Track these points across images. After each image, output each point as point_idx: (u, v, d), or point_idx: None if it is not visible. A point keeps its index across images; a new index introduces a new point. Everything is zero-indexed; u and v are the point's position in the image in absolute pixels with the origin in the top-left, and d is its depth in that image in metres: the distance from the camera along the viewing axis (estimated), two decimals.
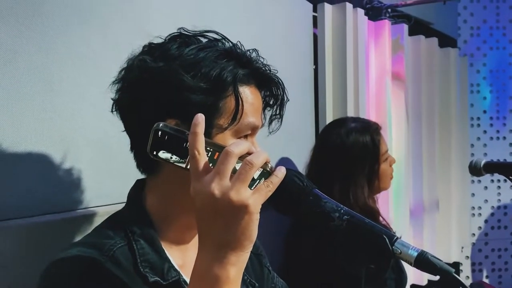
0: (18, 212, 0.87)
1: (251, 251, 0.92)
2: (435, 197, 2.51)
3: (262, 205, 0.58)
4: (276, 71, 0.80)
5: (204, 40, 0.75)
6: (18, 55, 0.87)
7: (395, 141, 2.13)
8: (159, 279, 0.70)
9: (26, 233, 0.86)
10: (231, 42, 0.76)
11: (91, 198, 0.98)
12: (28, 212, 0.88)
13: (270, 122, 0.82)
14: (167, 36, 0.76)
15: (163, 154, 0.62)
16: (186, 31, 0.75)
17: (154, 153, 0.62)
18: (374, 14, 2.12)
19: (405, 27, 2.19)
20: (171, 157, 0.62)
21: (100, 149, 1.00)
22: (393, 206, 2.07)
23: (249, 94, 0.74)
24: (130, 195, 0.80)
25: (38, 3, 0.90)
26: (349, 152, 1.45)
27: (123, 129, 0.77)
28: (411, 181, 2.33)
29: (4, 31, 0.85)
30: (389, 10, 2.16)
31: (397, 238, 0.54)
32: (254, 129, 0.75)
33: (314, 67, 1.79)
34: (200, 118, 0.59)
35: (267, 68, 0.78)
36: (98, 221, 0.90)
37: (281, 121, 0.83)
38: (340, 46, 1.78)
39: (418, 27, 2.44)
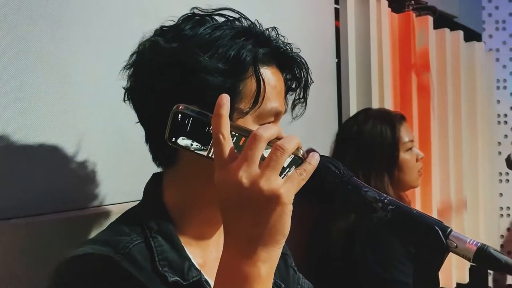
0: (32, 209, 0.82)
1: None
2: (462, 196, 2.41)
3: (295, 198, 0.52)
4: (298, 50, 0.73)
5: (220, 19, 0.70)
6: (30, 44, 0.83)
7: (420, 138, 2.05)
8: (179, 278, 0.65)
9: (40, 231, 0.82)
10: (249, 20, 0.70)
11: (106, 195, 0.93)
12: (41, 209, 0.84)
13: (294, 107, 0.76)
14: (180, 18, 0.70)
15: (182, 141, 0.56)
16: (200, 10, 0.69)
17: (173, 139, 0.56)
18: (397, 6, 2.04)
19: (430, 19, 2.11)
20: (192, 144, 0.56)
21: (116, 144, 0.95)
22: (420, 205, 1.99)
23: (270, 76, 0.68)
24: (146, 189, 0.75)
25: None
26: (366, 138, 1.41)
27: (137, 120, 0.72)
28: (438, 179, 2.24)
29: (16, 20, 0.81)
30: (413, 2, 2.08)
31: (451, 230, 0.48)
32: (277, 115, 0.69)
33: (336, 60, 1.73)
34: (225, 98, 0.53)
35: (288, 47, 0.72)
36: (113, 219, 0.86)
37: (305, 105, 0.76)
38: (363, 39, 1.71)
39: (442, 20, 2.35)
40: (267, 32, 0.71)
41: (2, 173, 0.78)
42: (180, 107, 0.54)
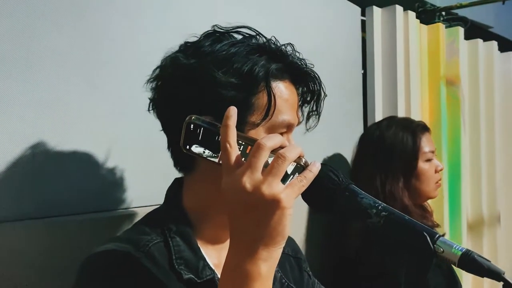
0: (64, 210, 0.89)
1: (290, 255, 0.92)
2: (496, 210, 2.35)
3: (311, 210, 0.56)
4: (312, 66, 0.77)
5: (239, 36, 0.75)
6: (61, 55, 0.89)
7: (450, 149, 2.02)
8: (193, 276, 0.69)
9: (72, 230, 0.89)
10: (265, 37, 0.75)
11: (133, 199, 0.99)
12: (72, 210, 0.90)
13: (308, 119, 0.80)
14: (202, 34, 0.76)
15: (196, 149, 0.61)
16: (220, 28, 0.75)
17: (187, 147, 0.62)
18: (427, 17, 2.05)
19: (461, 30, 2.09)
20: (204, 152, 0.61)
21: (143, 150, 1.01)
22: (449, 217, 1.96)
23: (283, 90, 0.72)
24: (168, 193, 0.80)
25: (89, 3, 0.93)
26: (386, 144, 1.42)
27: (161, 128, 0.77)
28: (469, 192, 2.20)
29: (46, 31, 0.87)
30: (443, 13, 2.08)
31: (440, 235, 0.50)
32: (289, 127, 0.73)
33: (362, 71, 1.75)
34: (233, 110, 0.58)
35: (302, 63, 0.76)
36: None
37: (319, 118, 0.80)
38: (390, 50, 1.72)
39: (475, 31, 2.32)
40: (283, 47, 0.75)
41: (39, 176, 0.85)
42: (193, 117, 0.60)
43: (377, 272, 1.18)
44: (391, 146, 1.42)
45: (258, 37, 0.75)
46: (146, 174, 1.01)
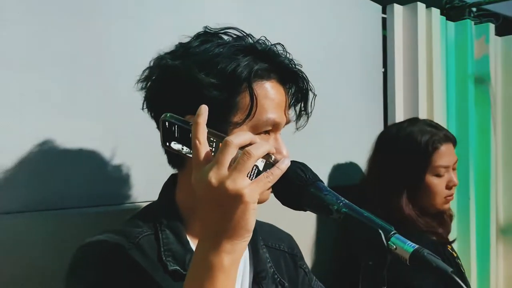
0: (69, 203, 0.94)
1: (286, 252, 0.93)
2: None
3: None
4: (300, 66, 0.78)
5: (228, 37, 0.77)
6: (74, 56, 0.95)
7: (478, 153, 1.95)
8: (179, 268, 0.72)
9: (78, 222, 0.94)
10: (254, 38, 0.77)
11: (139, 194, 1.04)
12: (78, 203, 0.95)
13: (298, 118, 0.81)
14: (194, 35, 0.78)
15: (175, 145, 0.64)
16: (209, 29, 0.77)
17: (167, 144, 0.65)
18: (455, 14, 1.99)
19: (491, 26, 2.02)
20: (183, 148, 0.64)
21: (149, 147, 1.05)
22: (475, 224, 1.90)
23: (269, 89, 0.73)
24: (162, 189, 0.84)
25: (96, 6, 0.98)
26: (396, 150, 1.34)
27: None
28: (501, 197, 2.12)
29: (62, 34, 0.93)
30: (473, 9, 2.01)
31: (395, 232, 0.50)
32: (275, 126, 0.74)
33: (383, 70, 1.73)
34: (203, 109, 0.60)
35: (291, 63, 0.77)
36: None
37: (308, 117, 0.81)
38: (411, 48, 1.69)
39: (509, 26, 2.23)
40: (271, 48, 0.76)
41: (48, 171, 0.91)
42: (167, 115, 0.62)
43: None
44: (400, 154, 1.33)
45: (247, 38, 0.77)
46: (151, 170, 1.04)
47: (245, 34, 0.77)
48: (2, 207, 0.85)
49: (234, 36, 0.77)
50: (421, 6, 1.70)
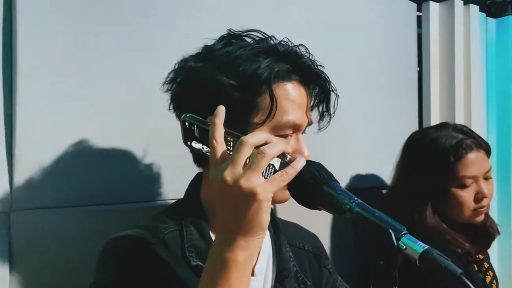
0: (105, 199, 0.99)
1: (310, 251, 0.94)
2: None
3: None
4: (322, 67, 0.79)
5: (250, 40, 0.78)
6: (103, 54, 0.98)
7: None
8: (201, 263, 0.74)
9: (112, 218, 0.97)
10: (276, 40, 0.78)
11: (169, 191, 1.07)
12: (112, 199, 1.00)
13: (321, 119, 0.82)
14: (218, 38, 0.80)
15: (195, 145, 0.66)
16: (233, 32, 0.79)
17: (188, 143, 0.67)
18: (497, 10, 1.92)
19: None
20: (203, 148, 0.66)
21: (178, 147, 1.08)
22: None
23: (290, 90, 0.74)
24: (188, 187, 0.86)
25: (123, 4, 1.01)
26: (418, 158, 1.26)
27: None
28: None
29: (93, 38, 0.97)
30: None
31: (406, 233, 0.50)
32: (295, 127, 0.75)
33: (418, 69, 1.69)
34: (221, 110, 0.62)
35: (313, 64, 0.77)
36: None
37: (330, 118, 0.81)
38: (448, 47, 1.64)
39: None
40: (293, 49, 0.77)
41: (83, 170, 0.95)
42: (187, 116, 0.65)
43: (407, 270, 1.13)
44: (422, 162, 1.25)
45: (269, 39, 0.78)
46: (180, 169, 1.07)
47: (267, 36, 0.78)
48: (36, 203, 0.90)
49: (257, 38, 0.78)
50: (458, 3, 1.65)
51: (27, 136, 0.89)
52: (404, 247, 0.49)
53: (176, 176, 1.07)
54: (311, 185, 0.58)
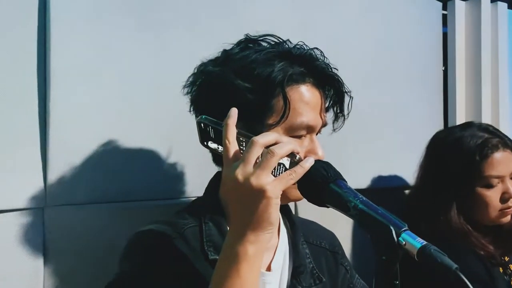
0: (133, 196, 1.04)
1: (327, 249, 0.96)
2: None
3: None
4: (336, 69, 0.81)
5: (266, 44, 0.81)
6: (132, 60, 1.03)
7: None
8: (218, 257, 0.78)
9: (139, 214, 1.02)
10: (291, 43, 0.80)
11: (192, 189, 1.11)
12: (140, 196, 1.05)
13: (336, 120, 0.84)
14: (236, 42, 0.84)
15: (211, 145, 0.71)
16: (249, 37, 0.82)
17: (205, 143, 0.71)
18: None
19: None
20: (218, 147, 0.70)
21: (200, 146, 1.12)
22: None
23: (304, 92, 0.77)
24: (208, 185, 0.90)
25: (152, 9, 1.06)
26: (442, 158, 1.25)
27: None
28: None
29: (123, 43, 1.02)
30: None
31: (406, 229, 0.52)
32: (309, 128, 0.77)
33: (443, 68, 1.67)
34: (233, 112, 0.66)
35: (327, 67, 0.80)
36: None
37: (344, 119, 0.83)
38: (474, 46, 1.62)
39: None
40: (308, 52, 0.80)
41: (113, 168, 1.00)
42: (203, 117, 0.69)
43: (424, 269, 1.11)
44: (446, 162, 1.24)
45: (284, 43, 0.81)
46: (203, 168, 1.12)
47: (282, 40, 0.81)
48: (68, 199, 0.96)
49: (272, 42, 0.81)
50: (485, 1, 1.63)
51: (60, 137, 0.95)
52: (404, 242, 0.51)
53: (198, 175, 1.12)
54: (319, 183, 0.61)
